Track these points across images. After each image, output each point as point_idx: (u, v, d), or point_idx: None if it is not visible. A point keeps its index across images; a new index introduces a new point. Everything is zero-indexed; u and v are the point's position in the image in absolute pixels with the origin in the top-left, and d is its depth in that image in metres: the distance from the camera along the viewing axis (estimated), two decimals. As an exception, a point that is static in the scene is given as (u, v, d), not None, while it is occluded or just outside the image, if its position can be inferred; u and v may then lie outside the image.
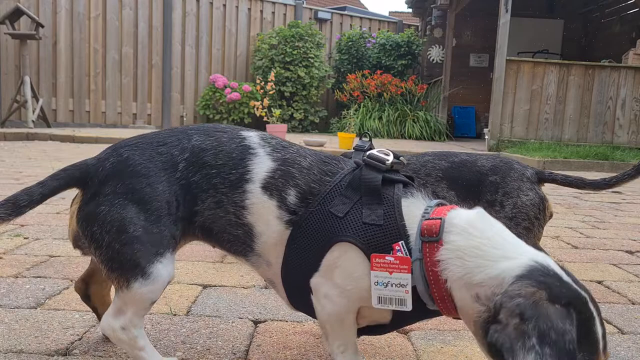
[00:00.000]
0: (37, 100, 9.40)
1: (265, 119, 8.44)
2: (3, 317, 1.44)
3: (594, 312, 0.86)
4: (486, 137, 8.70)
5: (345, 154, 1.25)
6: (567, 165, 6.88)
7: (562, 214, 3.54)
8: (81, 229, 1.07)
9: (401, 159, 1.11)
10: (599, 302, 1.68)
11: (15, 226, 2.49)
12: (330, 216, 1.04)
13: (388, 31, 13.08)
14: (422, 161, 1.62)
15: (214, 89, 11.24)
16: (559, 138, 8.49)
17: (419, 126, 10.74)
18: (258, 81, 9.88)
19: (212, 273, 1.91)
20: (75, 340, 1.31)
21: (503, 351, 0.82)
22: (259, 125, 9.86)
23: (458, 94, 12.00)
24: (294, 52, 11.25)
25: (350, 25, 13.11)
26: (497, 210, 1.53)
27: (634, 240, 2.84)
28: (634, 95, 8.42)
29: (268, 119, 8.42)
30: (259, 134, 1.15)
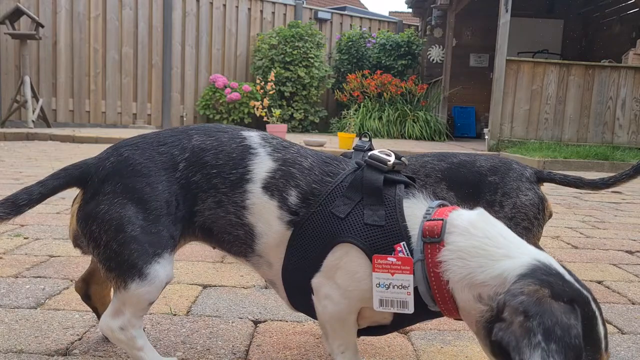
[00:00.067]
0: (37, 100, 9.40)
1: (265, 119, 8.44)
2: (3, 317, 1.44)
3: (597, 311, 0.86)
4: (486, 137, 8.70)
5: (345, 154, 1.25)
6: (567, 165, 6.88)
7: (562, 214, 3.54)
8: (80, 228, 1.07)
9: (402, 159, 1.11)
10: (599, 302, 1.68)
11: (15, 226, 2.49)
12: (331, 217, 1.04)
13: (388, 31, 13.07)
14: (422, 162, 1.62)
15: (214, 89, 11.24)
16: (559, 138, 8.49)
17: (419, 126, 10.74)
18: (258, 81, 9.88)
19: (212, 273, 1.91)
20: (75, 340, 1.31)
21: (509, 350, 0.81)
22: (259, 125, 9.86)
23: (458, 94, 12.00)
24: (294, 52, 11.25)
25: (350, 25, 13.11)
26: (497, 210, 1.53)
27: (634, 240, 2.84)
28: (634, 95, 8.42)
29: (268, 119, 8.42)
30: (259, 134, 1.15)
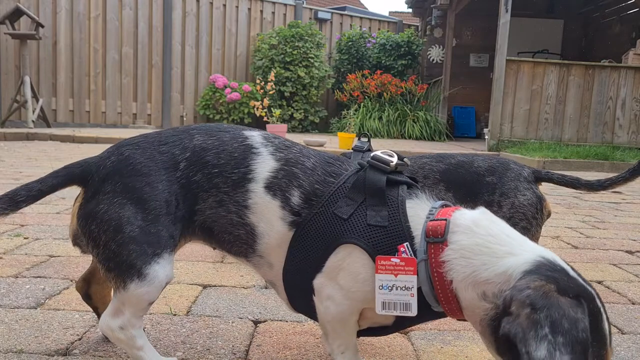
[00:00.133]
0: (37, 100, 9.40)
1: (265, 119, 8.44)
2: (3, 317, 1.44)
3: (601, 307, 0.87)
4: (486, 137, 8.70)
5: (344, 155, 1.25)
6: (567, 165, 6.88)
7: (562, 214, 3.54)
8: (80, 227, 1.07)
9: (405, 160, 1.11)
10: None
11: (15, 226, 2.49)
12: (334, 218, 1.03)
13: (388, 31, 13.07)
14: (420, 164, 1.62)
15: (214, 89, 11.24)
16: (559, 138, 8.49)
17: (419, 126, 10.74)
18: (258, 81, 9.88)
19: (212, 273, 1.91)
20: (75, 340, 1.31)
21: (516, 341, 0.81)
22: (259, 125, 9.86)
23: (458, 94, 12.00)
24: (294, 52, 11.25)
25: (350, 25, 13.11)
26: (495, 210, 1.52)
27: (634, 240, 2.84)
28: (634, 95, 8.42)
29: (268, 119, 8.42)
30: (261, 134, 1.15)
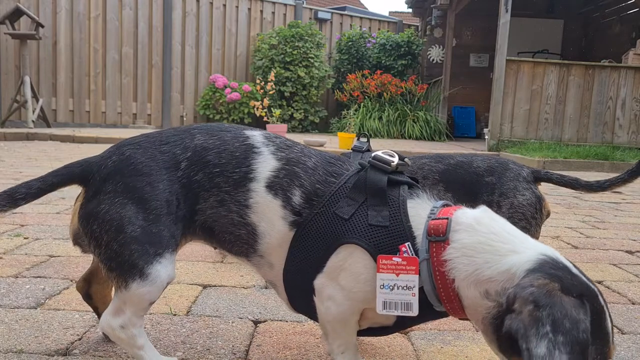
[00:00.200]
0: (37, 100, 9.40)
1: (265, 119, 8.45)
2: (3, 317, 1.44)
3: (604, 305, 0.87)
4: (486, 137, 8.70)
5: (344, 155, 1.25)
6: (567, 165, 6.87)
7: (562, 214, 3.54)
8: (82, 226, 1.08)
9: (405, 160, 1.11)
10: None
11: (15, 226, 2.49)
12: (335, 218, 1.03)
13: (388, 31, 13.07)
14: (419, 164, 1.62)
15: (214, 89, 11.24)
16: (559, 138, 8.49)
17: (419, 126, 10.74)
18: (258, 81, 9.88)
19: (212, 273, 1.91)
20: (75, 340, 1.31)
21: (517, 337, 0.81)
22: (258, 125, 9.85)
23: (458, 94, 12.00)
24: (294, 52, 11.25)
25: (350, 25, 13.11)
26: (495, 210, 1.52)
27: (634, 240, 2.84)
28: (634, 95, 8.42)
29: (268, 119, 8.43)
30: (262, 133, 1.15)
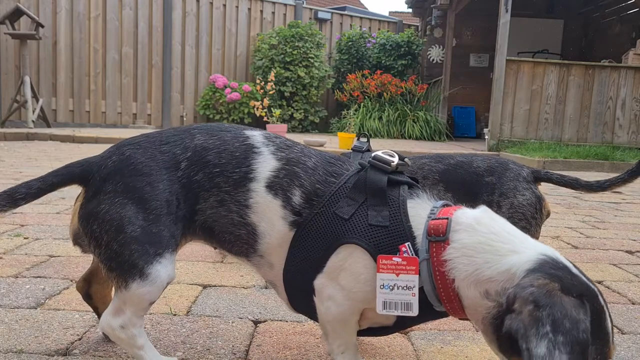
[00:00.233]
0: (37, 100, 9.40)
1: (265, 119, 8.45)
2: (3, 317, 1.44)
3: (604, 305, 0.87)
4: (486, 137, 8.70)
5: (344, 155, 1.25)
6: (567, 166, 6.87)
7: (562, 214, 3.54)
8: (82, 227, 1.08)
9: (405, 160, 1.11)
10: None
11: (15, 226, 2.49)
12: (335, 218, 1.03)
13: (388, 31, 13.07)
14: (419, 164, 1.62)
15: (214, 89, 11.24)
16: (559, 138, 8.49)
17: (419, 126, 10.74)
18: (258, 81, 9.88)
19: (212, 273, 1.91)
20: (75, 340, 1.31)
21: (517, 337, 0.82)
22: (258, 125, 9.84)
23: (458, 94, 12.00)
24: (294, 52, 11.25)
25: (350, 25, 13.11)
26: (494, 211, 1.53)
27: (634, 240, 2.84)
28: (634, 95, 8.42)
29: (268, 119, 8.43)
30: (262, 133, 1.15)
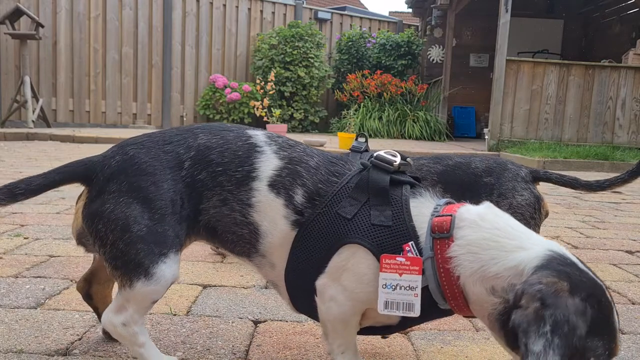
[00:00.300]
0: (37, 100, 9.39)
1: (265, 119, 8.45)
2: (3, 317, 1.44)
3: (612, 300, 0.87)
4: (486, 137, 8.70)
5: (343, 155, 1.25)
6: (567, 165, 6.87)
7: (562, 214, 3.54)
8: (86, 226, 1.08)
9: (408, 160, 1.11)
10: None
11: (15, 226, 2.49)
12: (338, 218, 1.03)
13: (388, 31, 13.07)
14: (417, 165, 1.62)
15: (214, 89, 11.24)
16: (559, 138, 8.49)
17: (419, 126, 10.74)
18: (258, 81, 9.89)
19: (212, 273, 1.91)
20: (75, 340, 1.31)
21: (518, 331, 0.83)
22: (258, 125, 9.84)
23: (458, 94, 12.00)
24: (294, 52, 11.25)
25: (350, 25, 13.10)
26: None
27: (634, 240, 2.84)
28: (634, 95, 8.42)
29: (268, 119, 8.43)
30: (265, 133, 1.15)
